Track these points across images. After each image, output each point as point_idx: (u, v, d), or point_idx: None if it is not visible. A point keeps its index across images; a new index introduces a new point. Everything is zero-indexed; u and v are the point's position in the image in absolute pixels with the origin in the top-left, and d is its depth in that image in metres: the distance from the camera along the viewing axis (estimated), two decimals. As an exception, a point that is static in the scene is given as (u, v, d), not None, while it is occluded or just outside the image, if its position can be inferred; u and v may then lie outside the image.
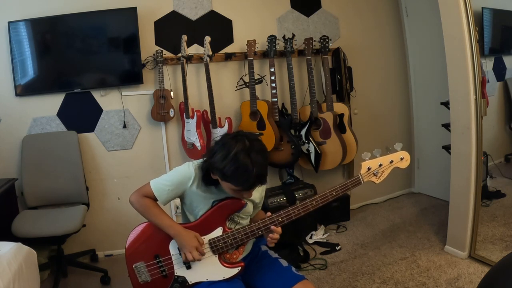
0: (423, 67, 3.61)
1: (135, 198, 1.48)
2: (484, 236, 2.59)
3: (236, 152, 1.32)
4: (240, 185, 1.35)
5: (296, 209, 1.43)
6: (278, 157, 3.04)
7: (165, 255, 1.48)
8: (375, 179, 1.50)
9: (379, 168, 1.49)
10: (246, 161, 1.30)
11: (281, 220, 1.43)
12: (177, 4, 2.97)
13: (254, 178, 1.32)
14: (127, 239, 1.52)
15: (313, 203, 1.44)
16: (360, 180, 1.48)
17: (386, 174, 1.51)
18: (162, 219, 1.45)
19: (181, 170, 1.46)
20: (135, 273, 1.49)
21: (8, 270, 1.57)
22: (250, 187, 1.36)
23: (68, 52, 2.72)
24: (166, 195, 1.45)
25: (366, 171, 1.48)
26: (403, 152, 1.51)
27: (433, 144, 3.46)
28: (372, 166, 1.49)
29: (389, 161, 1.50)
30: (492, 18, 2.82)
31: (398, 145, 1.51)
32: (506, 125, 3.02)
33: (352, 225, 3.22)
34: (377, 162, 1.49)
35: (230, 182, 1.35)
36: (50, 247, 2.68)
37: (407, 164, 1.52)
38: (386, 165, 1.50)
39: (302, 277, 1.47)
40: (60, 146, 2.74)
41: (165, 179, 1.47)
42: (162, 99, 2.83)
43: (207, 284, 1.45)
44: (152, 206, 1.46)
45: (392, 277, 2.38)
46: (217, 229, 1.45)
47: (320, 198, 1.45)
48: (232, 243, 1.43)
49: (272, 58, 2.96)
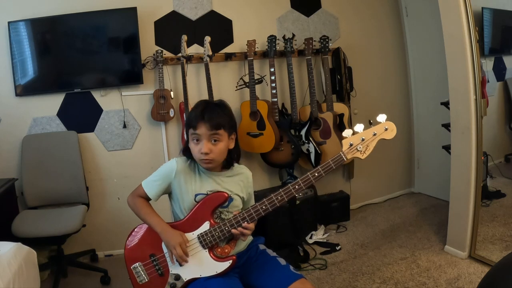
0: (423, 67, 3.61)
1: (130, 199, 1.58)
2: (484, 236, 2.59)
3: (197, 102, 1.56)
4: (189, 122, 1.47)
5: (279, 195, 1.42)
6: (278, 157, 3.04)
7: (159, 253, 1.50)
8: (360, 154, 1.42)
9: (362, 143, 1.41)
10: (200, 103, 1.53)
11: (265, 208, 1.43)
12: (177, 4, 2.97)
13: (199, 112, 1.46)
14: (125, 242, 1.56)
15: (295, 187, 1.43)
16: (342, 157, 1.42)
17: (371, 148, 1.43)
18: (151, 217, 1.51)
19: (165, 164, 1.57)
20: (134, 274, 1.51)
21: (8, 270, 1.57)
22: (195, 122, 1.45)
23: (68, 52, 2.73)
24: (155, 190, 1.53)
25: (348, 147, 1.42)
26: (386, 122, 1.43)
27: (433, 144, 3.46)
28: (354, 142, 1.42)
29: (372, 133, 1.42)
30: (492, 18, 2.82)
31: (381, 117, 1.44)
32: (506, 125, 3.02)
33: (352, 225, 3.22)
34: (359, 136, 1.42)
35: (187, 126, 1.50)
36: (50, 247, 2.68)
37: (393, 134, 1.44)
38: (369, 138, 1.42)
39: (300, 276, 1.47)
40: (60, 146, 2.74)
41: (153, 176, 1.57)
42: (162, 99, 2.83)
43: (203, 280, 1.46)
44: (143, 206, 1.54)
45: (392, 277, 2.38)
46: (204, 223, 1.47)
47: (302, 181, 1.43)
48: (220, 236, 1.45)
49: (272, 58, 2.96)
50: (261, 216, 1.44)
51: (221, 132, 1.47)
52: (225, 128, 1.48)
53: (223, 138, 1.48)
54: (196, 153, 1.47)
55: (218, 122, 1.45)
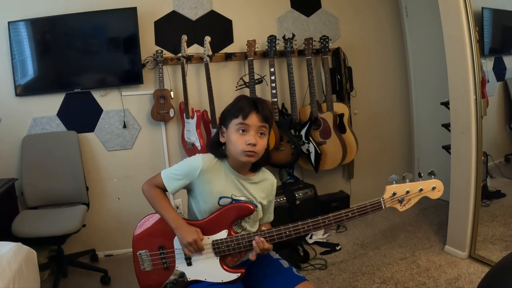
0: (423, 67, 3.61)
1: (146, 187, 1.51)
2: (484, 236, 2.59)
3: (237, 97, 1.51)
4: (238, 112, 1.40)
5: (306, 224, 1.37)
6: (278, 157, 3.04)
7: (169, 248, 1.48)
8: (399, 206, 1.35)
9: (406, 195, 1.33)
10: (243, 96, 1.52)
11: (289, 234, 1.38)
12: (177, 4, 2.97)
13: (251, 102, 1.41)
14: (137, 224, 1.53)
15: (325, 221, 1.36)
16: (381, 205, 1.34)
17: (413, 203, 1.35)
18: (168, 211, 1.46)
19: (190, 160, 1.48)
20: (138, 259, 1.50)
21: (8, 270, 1.57)
22: (247, 111, 1.39)
23: (68, 52, 2.73)
24: (175, 185, 1.46)
25: (390, 196, 1.34)
26: (436, 180, 1.34)
27: (433, 144, 3.46)
28: (398, 192, 1.34)
29: (419, 188, 1.34)
30: (492, 18, 2.82)
31: (432, 172, 1.35)
32: (506, 125, 3.02)
33: (352, 225, 3.22)
34: (404, 188, 1.33)
35: (231, 116, 1.42)
36: (50, 247, 2.68)
37: (439, 195, 1.35)
38: (414, 193, 1.34)
39: (303, 278, 1.47)
40: (60, 146, 2.74)
41: (175, 169, 1.48)
42: (162, 99, 2.83)
43: (206, 284, 1.45)
44: (160, 197, 1.49)
45: (392, 277, 2.38)
46: (222, 231, 1.44)
47: (333, 217, 1.36)
48: (235, 248, 1.41)
49: (272, 58, 2.96)
50: (281, 240, 1.40)
51: (267, 126, 1.43)
52: (270, 124, 1.44)
53: (267, 133, 1.44)
54: (241, 144, 1.38)
55: (268, 116, 1.42)
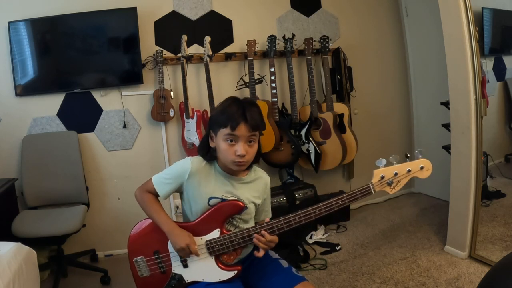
0: (423, 67, 3.61)
1: (138, 193, 1.52)
2: (484, 236, 2.59)
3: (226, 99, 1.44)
4: (226, 122, 1.36)
5: (297, 216, 1.37)
6: (278, 157, 3.04)
7: (164, 252, 1.49)
8: (389, 189, 1.34)
9: (394, 177, 1.33)
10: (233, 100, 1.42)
11: (280, 227, 1.38)
12: (177, 4, 2.97)
13: (240, 111, 1.35)
14: (130, 232, 1.53)
15: (316, 211, 1.36)
16: (370, 189, 1.34)
17: (401, 184, 1.34)
18: (159, 215, 1.47)
19: (179, 163, 1.49)
20: (135, 266, 1.50)
21: (8, 270, 1.57)
22: (236, 123, 1.35)
23: (68, 52, 2.73)
24: (165, 189, 1.47)
25: (379, 180, 1.33)
26: (423, 160, 1.35)
27: (433, 144, 3.45)
28: (386, 175, 1.33)
29: (407, 169, 1.34)
30: (492, 18, 2.82)
31: (419, 152, 1.35)
32: (506, 125, 3.01)
33: (352, 225, 3.22)
34: (392, 170, 1.33)
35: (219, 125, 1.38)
36: (50, 247, 2.68)
37: (428, 174, 1.35)
38: (402, 174, 1.34)
39: (303, 278, 1.46)
40: (60, 146, 2.74)
41: (165, 173, 1.49)
42: (162, 99, 2.83)
43: (204, 284, 1.45)
44: (151, 202, 1.49)
45: (392, 277, 2.38)
46: (215, 230, 1.44)
47: (324, 206, 1.36)
48: (229, 246, 1.41)
49: (272, 58, 2.96)
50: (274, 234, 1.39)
51: (257, 133, 1.41)
52: (260, 130, 1.42)
53: (257, 139, 1.42)
54: (230, 155, 1.37)
55: (257, 124, 1.38)
